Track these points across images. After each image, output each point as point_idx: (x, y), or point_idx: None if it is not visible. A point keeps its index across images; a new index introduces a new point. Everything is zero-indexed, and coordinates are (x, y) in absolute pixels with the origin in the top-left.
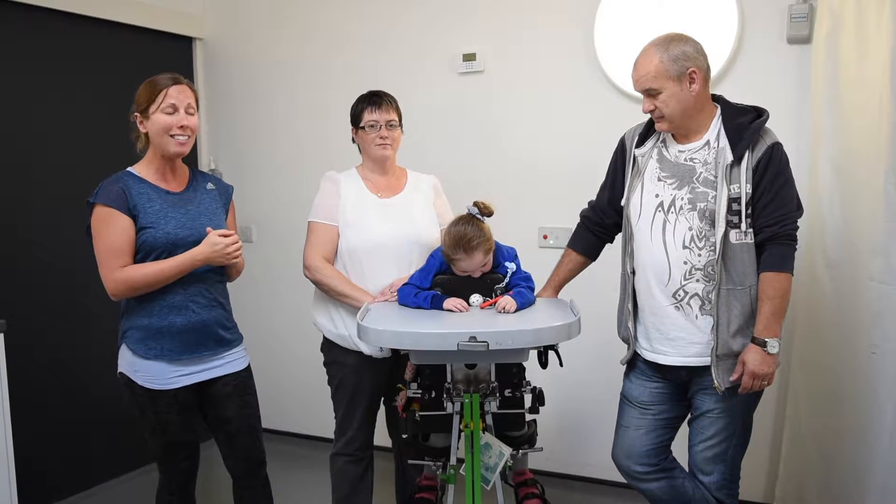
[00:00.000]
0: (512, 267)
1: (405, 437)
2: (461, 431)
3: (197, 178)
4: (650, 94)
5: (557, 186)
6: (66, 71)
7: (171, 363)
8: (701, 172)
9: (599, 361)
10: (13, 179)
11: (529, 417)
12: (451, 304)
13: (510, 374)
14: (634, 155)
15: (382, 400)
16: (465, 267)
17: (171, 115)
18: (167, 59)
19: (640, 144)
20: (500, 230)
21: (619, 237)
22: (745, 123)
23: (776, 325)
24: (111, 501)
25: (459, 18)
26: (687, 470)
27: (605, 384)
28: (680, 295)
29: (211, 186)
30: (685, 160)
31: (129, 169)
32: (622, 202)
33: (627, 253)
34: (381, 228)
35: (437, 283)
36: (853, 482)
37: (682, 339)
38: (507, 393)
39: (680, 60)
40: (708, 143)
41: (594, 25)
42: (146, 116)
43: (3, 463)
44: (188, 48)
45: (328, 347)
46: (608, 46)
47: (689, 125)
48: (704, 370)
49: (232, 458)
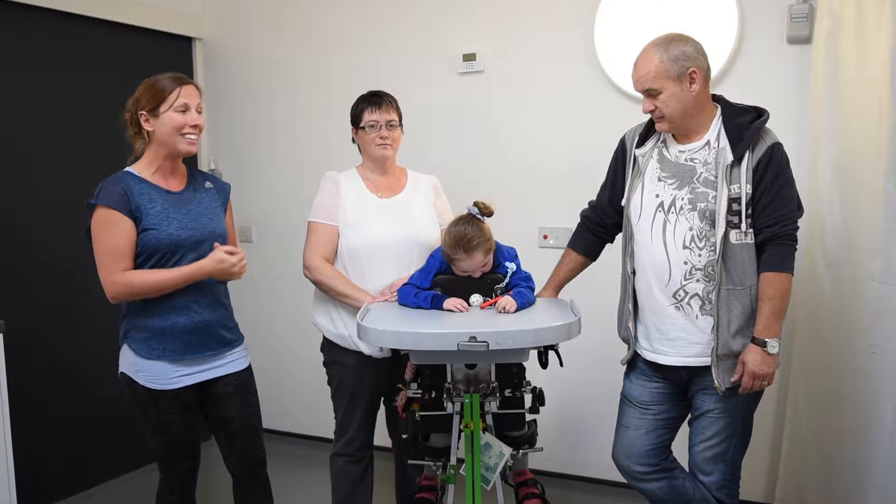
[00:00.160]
0: (512, 267)
1: (405, 437)
2: (461, 431)
3: (195, 176)
4: (650, 94)
5: (557, 186)
6: (65, 71)
7: (173, 363)
8: (701, 172)
9: (599, 361)
10: (13, 180)
11: (529, 417)
12: (451, 304)
13: (510, 374)
14: (635, 155)
15: (382, 400)
16: (465, 267)
17: (183, 113)
18: (167, 59)
19: (640, 144)
20: (500, 230)
21: (619, 237)
22: (745, 123)
23: (776, 325)
24: (111, 501)
25: (459, 18)
26: (687, 470)
27: (605, 384)
28: (680, 295)
29: (209, 185)
30: (685, 160)
31: (128, 169)
32: (622, 202)
33: (628, 253)
34: (381, 228)
35: (437, 283)
36: (853, 482)
37: (682, 339)
38: (507, 393)
39: (680, 60)
40: (708, 143)
41: (594, 25)
42: (155, 115)
43: (2, 463)
44: (188, 48)
45: (328, 347)
46: (608, 46)
47: (689, 125)
48: (705, 370)
49: (232, 457)
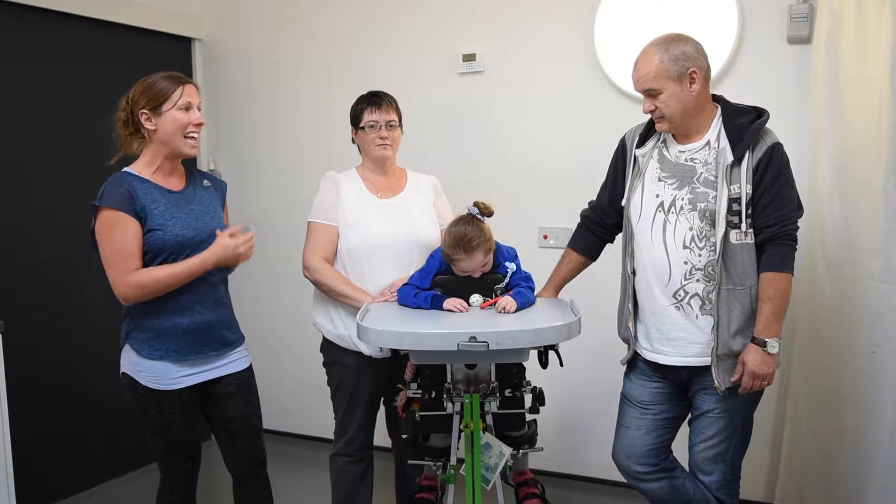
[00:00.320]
0: (512, 267)
1: (405, 437)
2: (461, 431)
3: (194, 175)
4: (650, 94)
5: (557, 186)
6: (64, 71)
7: (175, 363)
8: (701, 173)
9: (599, 361)
10: (11, 180)
11: (529, 417)
12: (451, 304)
13: (510, 374)
14: (635, 155)
15: (382, 400)
16: (465, 267)
17: (186, 112)
18: (166, 59)
19: (640, 145)
20: (500, 230)
21: (619, 237)
22: (745, 124)
23: (776, 325)
24: (111, 501)
25: (459, 18)
26: (687, 470)
27: (605, 384)
28: (680, 295)
29: (207, 183)
30: (686, 160)
31: (127, 169)
32: (622, 202)
33: (628, 253)
34: (380, 229)
35: (437, 283)
36: (853, 482)
37: (682, 339)
38: (507, 393)
39: (680, 60)
40: (708, 143)
41: (594, 25)
42: (158, 114)
43: (1, 464)
44: (187, 49)
45: (328, 348)
46: (608, 46)
47: (689, 125)
48: (705, 370)
49: (233, 457)
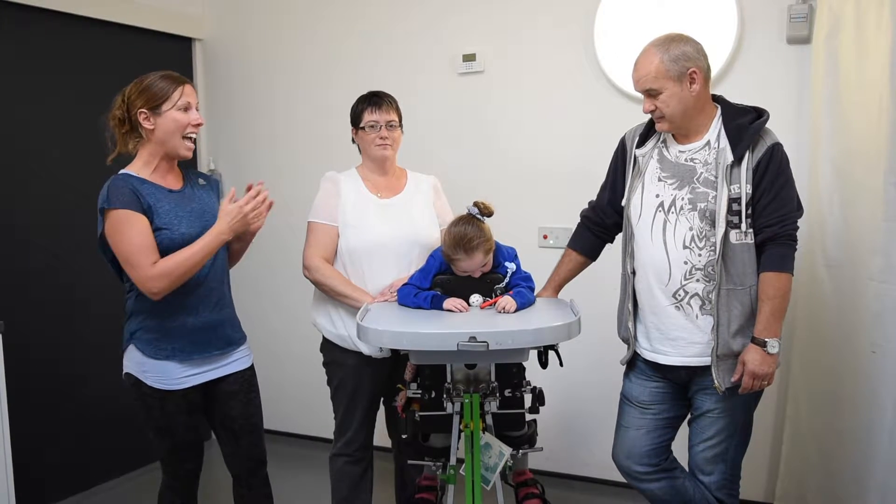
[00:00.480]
0: (512, 267)
1: (405, 437)
2: (461, 431)
3: (189, 174)
4: (650, 94)
5: (557, 186)
6: (65, 71)
7: (181, 363)
8: (701, 173)
9: (599, 361)
10: (11, 180)
11: (529, 417)
12: (450, 304)
13: (510, 374)
14: (635, 155)
15: (382, 400)
16: (465, 267)
17: (185, 112)
18: (167, 59)
19: (640, 145)
20: (500, 230)
21: (619, 237)
22: (745, 124)
23: (776, 325)
24: (111, 502)
25: (459, 19)
26: (687, 470)
27: (605, 384)
28: (680, 295)
29: (202, 182)
30: (686, 160)
31: (125, 171)
32: (622, 202)
33: (628, 253)
34: (380, 229)
35: (436, 283)
36: (853, 481)
37: (682, 338)
38: (506, 393)
39: (680, 61)
40: (708, 143)
41: (594, 25)
42: (157, 114)
43: (1, 463)
44: (188, 49)
45: (328, 348)
46: (608, 46)
47: (689, 125)
48: (705, 370)
49: (234, 456)
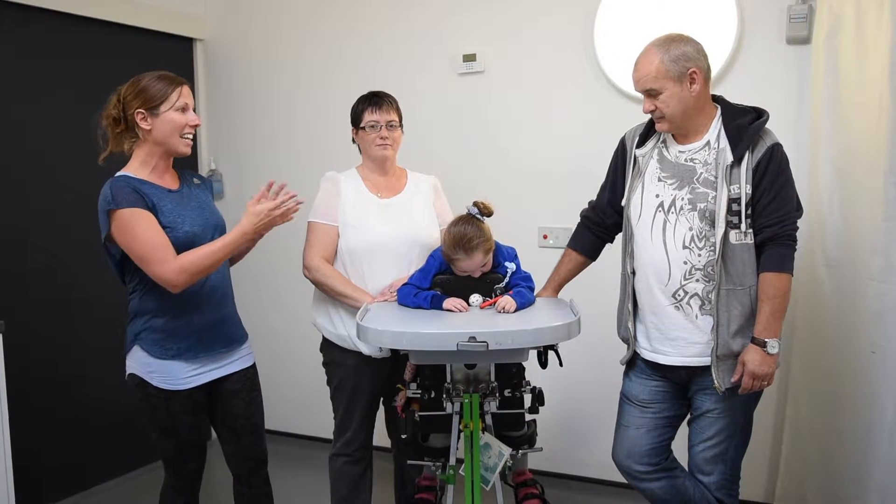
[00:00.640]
0: (512, 267)
1: (404, 437)
2: (461, 431)
3: (184, 174)
4: (651, 94)
5: (557, 186)
6: (66, 72)
7: (187, 362)
8: (701, 173)
9: (599, 361)
10: (11, 180)
11: (529, 417)
12: (450, 304)
13: (510, 374)
14: (635, 155)
15: (382, 400)
16: (464, 267)
17: (183, 113)
18: (168, 59)
19: (640, 145)
20: (500, 230)
21: (619, 237)
22: (745, 124)
23: (776, 325)
24: (111, 502)
25: (460, 19)
26: (687, 470)
27: (605, 384)
28: (680, 295)
29: (197, 181)
30: (685, 160)
31: (123, 172)
32: (622, 202)
33: (627, 253)
34: (380, 229)
35: (436, 283)
36: (853, 482)
37: (682, 339)
38: (506, 393)
39: (680, 61)
40: (708, 143)
41: (594, 25)
42: (155, 114)
43: (1, 463)
44: (189, 49)
45: (327, 347)
46: (608, 46)
47: (689, 126)
48: (704, 370)
49: (236, 455)
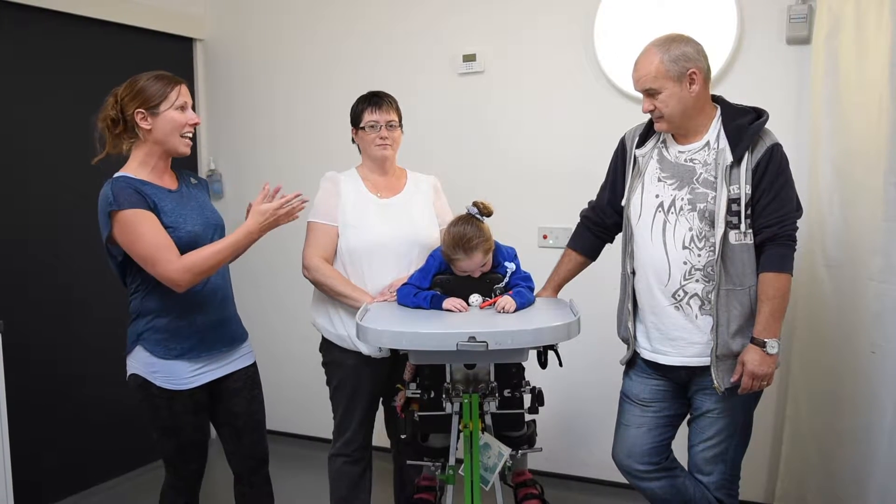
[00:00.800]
0: (511, 267)
1: (404, 437)
2: (460, 432)
3: (182, 174)
4: (650, 93)
5: (557, 186)
6: (66, 72)
7: (190, 362)
8: (701, 173)
9: (599, 361)
10: (11, 180)
11: (529, 417)
12: (450, 304)
13: (509, 374)
14: (635, 155)
15: (381, 400)
16: (464, 267)
17: (183, 112)
18: (168, 59)
19: (640, 145)
20: (500, 230)
21: (618, 237)
22: (744, 124)
23: (775, 325)
24: (111, 502)
25: (460, 19)
26: (687, 470)
27: (604, 384)
28: (679, 295)
29: (194, 181)
30: (685, 161)
31: (122, 173)
32: (622, 202)
33: (627, 253)
34: (380, 229)
35: (436, 283)
36: (853, 482)
37: (682, 339)
38: (506, 393)
39: (680, 61)
40: (708, 143)
41: (594, 25)
42: (155, 114)
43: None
44: (189, 49)
45: (327, 347)
46: (608, 46)
47: (688, 126)
48: (704, 370)
49: (237, 454)
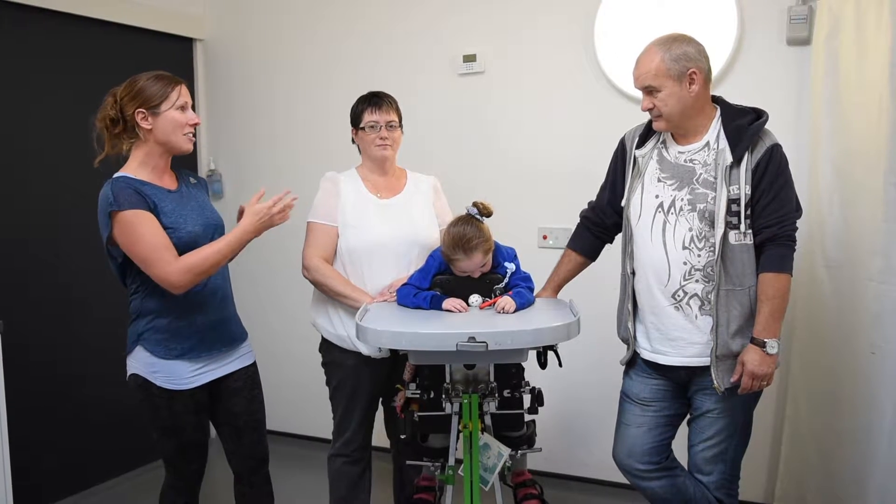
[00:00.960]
0: (511, 267)
1: (403, 437)
2: (460, 432)
3: (181, 174)
4: (649, 91)
5: (557, 186)
6: (65, 72)
7: (191, 362)
8: (700, 174)
9: (599, 361)
10: (11, 179)
11: (528, 418)
12: (450, 304)
13: (509, 374)
14: (635, 156)
15: (381, 400)
16: (464, 267)
17: (183, 111)
18: (168, 60)
19: (640, 145)
20: (500, 230)
21: (618, 238)
22: (744, 125)
23: (775, 325)
24: (111, 502)
25: (460, 19)
26: (686, 469)
27: (604, 384)
28: (679, 295)
29: (193, 181)
30: (685, 161)
31: (121, 174)
32: (622, 203)
33: (627, 253)
34: (380, 229)
35: (436, 283)
36: (853, 482)
37: (682, 339)
38: (505, 393)
39: (681, 60)
40: (708, 144)
41: (594, 25)
42: (156, 114)
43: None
44: (189, 49)
45: (327, 348)
46: (608, 46)
47: (687, 126)
48: (704, 370)
49: (237, 454)
